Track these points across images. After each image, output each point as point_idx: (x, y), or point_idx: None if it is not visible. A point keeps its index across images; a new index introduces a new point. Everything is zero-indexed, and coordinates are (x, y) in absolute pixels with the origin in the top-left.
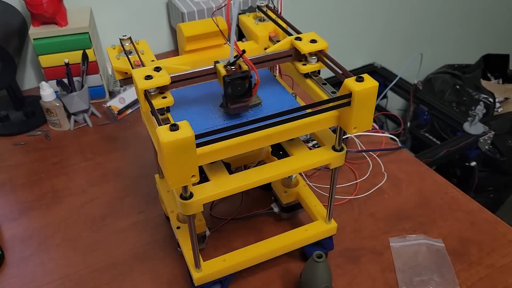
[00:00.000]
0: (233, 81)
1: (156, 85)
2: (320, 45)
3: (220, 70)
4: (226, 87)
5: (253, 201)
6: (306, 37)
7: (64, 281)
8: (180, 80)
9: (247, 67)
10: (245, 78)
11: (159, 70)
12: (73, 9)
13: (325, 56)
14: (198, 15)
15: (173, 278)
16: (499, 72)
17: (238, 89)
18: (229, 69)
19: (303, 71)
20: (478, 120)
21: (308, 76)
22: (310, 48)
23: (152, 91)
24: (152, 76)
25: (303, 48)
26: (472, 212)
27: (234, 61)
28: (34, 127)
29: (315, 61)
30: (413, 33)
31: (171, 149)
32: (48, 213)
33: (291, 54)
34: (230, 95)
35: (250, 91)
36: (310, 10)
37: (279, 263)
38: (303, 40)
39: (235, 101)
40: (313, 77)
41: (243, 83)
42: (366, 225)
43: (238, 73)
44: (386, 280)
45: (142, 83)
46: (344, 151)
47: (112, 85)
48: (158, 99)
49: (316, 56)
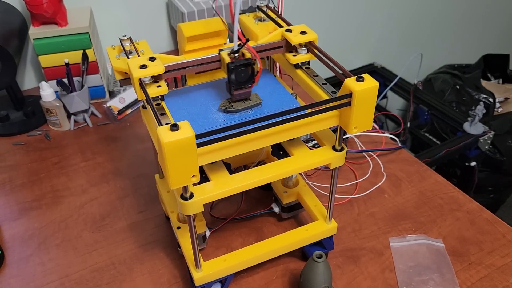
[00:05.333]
0: (236, 67)
1: (150, 74)
2: (310, 37)
3: (224, 57)
4: (230, 73)
5: (253, 201)
6: (296, 29)
7: (64, 281)
8: (174, 69)
9: (250, 55)
10: (248, 65)
11: (153, 60)
12: (73, 9)
13: (315, 47)
14: (198, 15)
15: (173, 278)
16: (499, 72)
17: (242, 75)
18: (233, 56)
19: (293, 61)
20: (478, 120)
21: (298, 66)
22: (300, 40)
23: (147, 80)
24: (147, 66)
25: (293, 39)
26: (472, 212)
27: (238, 49)
28: (34, 127)
29: (305, 52)
30: (413, 33)
31: (172, 149)
32: (48, 213)
33: (282, 45)
34: (234, 81)
35: (253, 78)
36: (310, 10)
37: (279, 263)
38: (293, 31)
39: (238, 87)
40: (304, 68)
41: (246, 70)
42: (366, 225)
43: (241, 60)
44: (386, 280)
45: (137, 72)
46: (344, 151)
47: (112, 85)
48: (152, 88)
49: (306, 47)
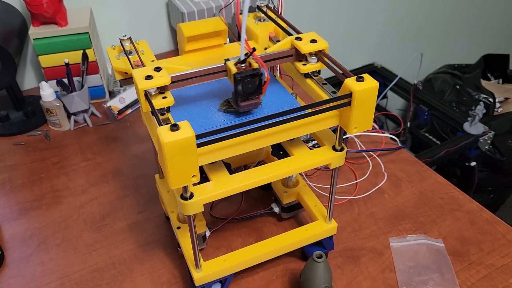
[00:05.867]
0: (243, 78)
1: (156, 85)
2: (320, 45)
3: (230, 68)
4: (236, 84)
5: (253, 201)
6: (306, 37)
7: (64, 281)
8: (180, 80)
9: (257, 64)
10: (255, 75)
11: (159, 70)
12: (73, 9)
13: (326, 56)
14: (198, 15)
15: (173, 278)
16: (499, 72)
17: (249, 86)
18: (240, 67)
19: (304, 71)
20: (478, 120)
21: (308, 76)
22: (310, 48)
23: (152, 91)
24: (152, 76)
25: (303, 48)
26: (472, 212)
27: (245, 59)
28: (34, 127)
29: (315, 61)
30: (413, 33)
31: (172, 149)
32: (48, 213)
33: (291, 54)
34: (241, 92)
35: (260, 89)
36: (310, 10)
37: (279, 263)
38: (303, 40)
39: (245, 98)
40: (313, 77)
41: (253, 80)
42: (366, 225)
43: (248, 71)
44: (386, 280)
45: (143, 83)
46: (344, 151)
47: (112, 85)
48: (158, 99)
49: (316, 56)
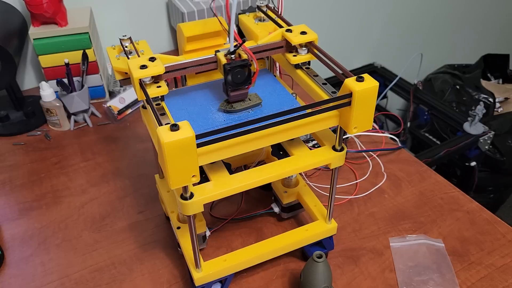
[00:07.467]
0: (233, 69)
1: (150, 74)
2: (310, 37)
3: (220, 59)
4: (226, 74)
5: (253, 201)
6: (296, 29)
7: (64, 281)
8: (173, 70)
9: (247, 56)
10: (244, 66)
11: (153, 60)
12: (73, 9)
13: (315, 48)
14: (198, 15)
15: (173, 278)
16: (499, 72)
17: (238, 76)
18: (229, 57)
19: (294, 61)
20: (478, 120)
21: (298, 67)
22: (300, 40)
23: (147, 81)
24: (147, 66)
25: (294, 40)
26: (472, 212)
27: (234, 50)
28: (34, 127)
29: (305, 52)
30: (413, 33)
31: (172, 149)
32: (48, 213)
33: (282, 45)
34: (230, 82)
35: (250, 79)
36: (310, 10)
37: (279, 263)
38: (294, 32)
39: (235, 88)
40: (304, 68)
41: (242, 71)
42: (366, 225)
43: (237, 62)
44: (386, 280)
45: (137, 72)
46: (344, 151)
47: (112, 85)
48: (153, 88)
49: (306, 48)
